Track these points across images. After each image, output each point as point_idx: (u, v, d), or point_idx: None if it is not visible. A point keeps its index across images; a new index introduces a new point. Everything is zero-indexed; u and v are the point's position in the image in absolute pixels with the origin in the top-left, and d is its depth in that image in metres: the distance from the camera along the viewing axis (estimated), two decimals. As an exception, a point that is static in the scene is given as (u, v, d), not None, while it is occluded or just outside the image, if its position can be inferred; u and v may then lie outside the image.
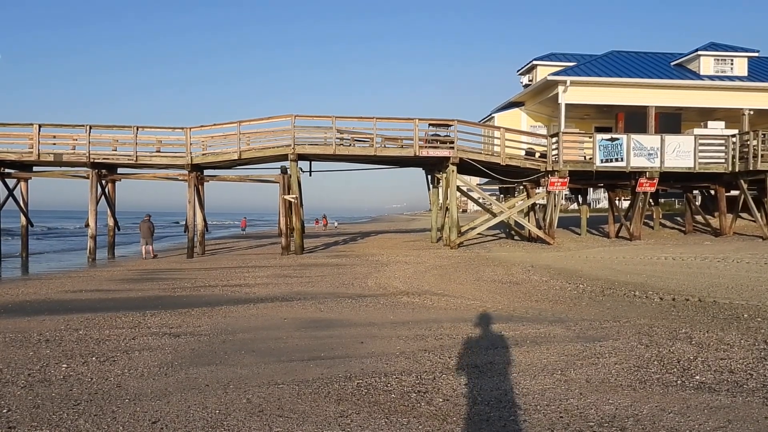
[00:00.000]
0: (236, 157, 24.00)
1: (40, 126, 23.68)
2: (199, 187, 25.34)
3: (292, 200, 23.91)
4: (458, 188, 25.67)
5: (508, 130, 25.99)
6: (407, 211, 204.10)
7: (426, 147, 24.84)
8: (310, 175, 26.66)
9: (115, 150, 24.74)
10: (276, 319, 9.71)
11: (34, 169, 25.74)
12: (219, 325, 9.15)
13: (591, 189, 34.64)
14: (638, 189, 25.16)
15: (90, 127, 23.75)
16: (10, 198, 25.15)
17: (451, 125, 25.25)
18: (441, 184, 27.45)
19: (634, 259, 18.27)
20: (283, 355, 7.23)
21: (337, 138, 24.27)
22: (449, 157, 24.66)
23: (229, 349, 7.59)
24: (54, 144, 24.50)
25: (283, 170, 24.69)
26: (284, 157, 24.19)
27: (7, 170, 24.72)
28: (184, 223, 25.48)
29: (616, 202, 30.03)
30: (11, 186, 25.21)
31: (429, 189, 30.01)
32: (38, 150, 23.62)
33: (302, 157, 24.58)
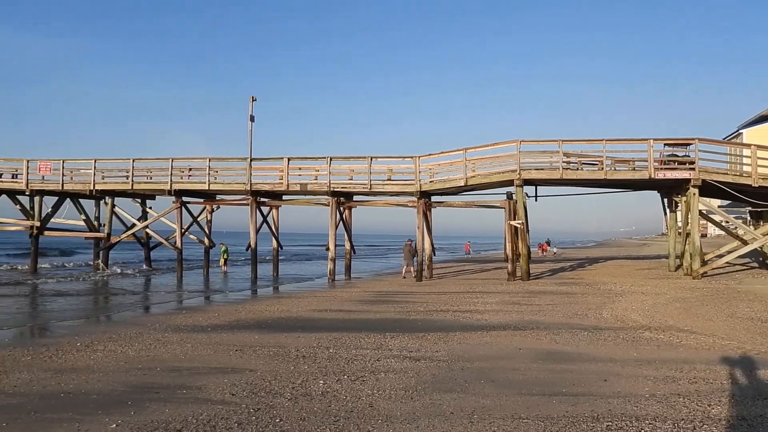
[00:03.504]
0: (462, 184, 24.50)
1: (288, 159, 26.46)
2: (427, 212, 26.27)
3: (518, 226, 23.72)
4: (699, 212, 23.44)
5: (760, 147, 23.21)
6: (636, 235, 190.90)
7: (662, 169, 23.14)
8: (536, 200, 26.27)
9: (351, 179, 26.71)
10: (511, 348, 9.67)
11: (284, 197, 28.78)
12: (455, 352, 9.35)
13: None
14: None
15: (330, 159, 25.96)
16: (265, 223, 28.42)
17: (690, 144, 23.25)
18: (680, 207, 25.32)
19: None
20: (523, 387, 7.17)
21: (563, 162, 23.65)
22: (690, 179, 22.70)
23: (468, 377, 7.72)
24: (299, 175, 27.15)
25: (509, 195, 24.64)
26: (509, 183, 24.14)
27: (262, 199, 27.96)
28: (412, 243, 26.48)
29: None
30: (265, 213, 28.52)
31: (665, 213, 27.82)
32: (287, 181, 26.39)
33: (528, 182, 24.31)
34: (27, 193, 29.96)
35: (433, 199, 26.79)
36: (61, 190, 29.53)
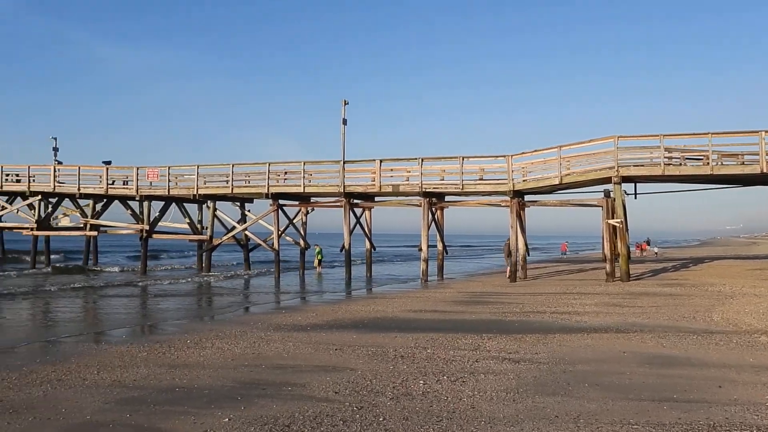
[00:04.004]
0: (557, 182, 23.89)
1: (381, 161, 26.74)
2: (521, 212, 25.82)
3: (617, 225, 22.89)
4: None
5: None
6: (744, 233, 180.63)
7: (776, 162, 21.65)
8: (635, 197, 25.30)
9: (443, 179, 26.63)
10: (614, 351, 9.35)
11: (376, 199, 29.11)
12: (556, 354, 9.15)
13: None
14: None
15: (422, 160, 26.01)
16: (358, 225, 28.87)
17: (808, 134, 21.65)
18: (796, 203, 23.66)
19: None
20: (630, 392, 6.92)
21: (665, 157, 22.62)
22: (807, 173, 21.13)
23: (571, 380, 7.54)
24: (391, 176, 27.35)
25: (606, 193, 23.82)
26: (607, 180, 23.32)
27: (355, 201, 28.40)
28: (506, 243, 26.11)
29: None
30: (358, 214, 28.98)
31: (780, 209, 26.08)
32: (380, 182, 26.66)
33: (626, 179, 23.40)
34: (137, 199, 31.86)
35: (527, 198, 26.31)
36: (167, 195, 31.20)
